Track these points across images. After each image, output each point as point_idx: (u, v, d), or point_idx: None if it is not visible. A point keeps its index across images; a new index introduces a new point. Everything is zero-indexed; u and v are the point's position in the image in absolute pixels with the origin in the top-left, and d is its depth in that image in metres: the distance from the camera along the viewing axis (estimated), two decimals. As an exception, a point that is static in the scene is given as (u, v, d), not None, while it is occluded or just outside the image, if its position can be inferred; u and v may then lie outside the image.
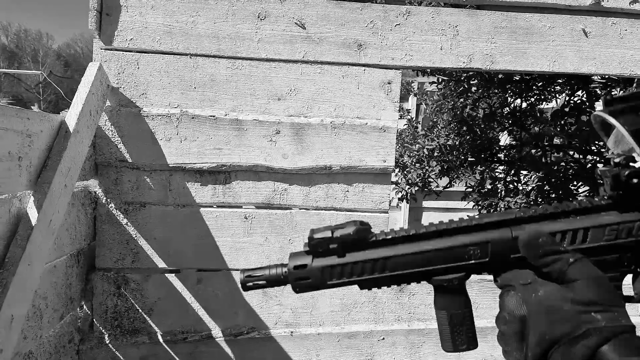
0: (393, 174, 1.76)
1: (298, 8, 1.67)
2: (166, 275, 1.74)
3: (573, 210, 0.63)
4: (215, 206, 1.73)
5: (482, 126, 2.70)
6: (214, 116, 1.67)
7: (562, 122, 2.35)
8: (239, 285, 1.67)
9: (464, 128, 2.77)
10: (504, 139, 3.04)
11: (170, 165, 1.67)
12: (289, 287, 1.73)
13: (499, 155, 2.84)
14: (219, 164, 1.68)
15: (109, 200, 1.67)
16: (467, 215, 0.68)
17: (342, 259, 0.67)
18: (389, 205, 1.79)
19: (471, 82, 2.70)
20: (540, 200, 2.40)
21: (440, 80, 2.87)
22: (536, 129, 2.80)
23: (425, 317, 1.83)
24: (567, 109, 2.44)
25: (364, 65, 1.71)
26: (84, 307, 1.72)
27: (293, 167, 1.71)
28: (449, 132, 2.94)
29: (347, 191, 1.76)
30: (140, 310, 1.72)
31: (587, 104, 2.36)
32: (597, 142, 2.12)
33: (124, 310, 1.71)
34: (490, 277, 1.92)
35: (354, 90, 1.72)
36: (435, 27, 1.71)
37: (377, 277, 0.66)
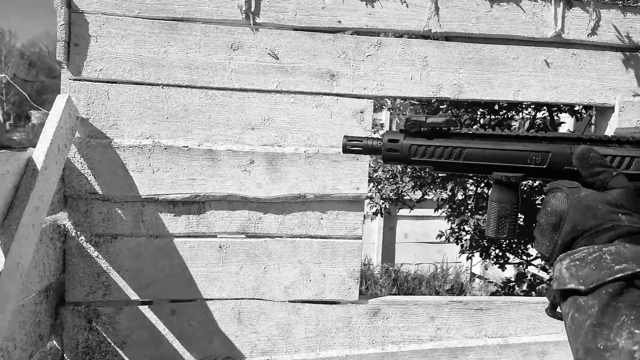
0: (367, 188, 1.77)
1: (271, 39, 1.67)
2: (139, 307, 1.70)
3: (626, 141, 0.73)
4: (189, 236, 1.70)
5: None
6: (187, 146, 1.64)
7: None
8: (213, 315, 1.66)
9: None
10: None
11: (143, 197, 1.63)
12: (263, 316, 1.72)
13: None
14: (192, 194, 1.66)
15: (78, 233, 1.62)
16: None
17: (429, 141, 0.78)
18: (362, 232, 1.80)
19: (441, 106, 2.76)
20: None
21: (407, 99, 2.92)
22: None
23: (398, 340, 1.85)
24: (533, 130, 2.52)
25: (336, 95, 1.72)
26: (54, 342, 1.66)
27: (267, 196, 1.70)
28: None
29: (322, 218, 1.76)
30: (112, 344, 1.68)
31: (550, 124, 2.44)
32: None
33: (96, 344, 1.67)
34: (461, 298, 1.97)
35: (327, 120, 1.73)
36: (406, 58, 1.74)
37: (452, 162, 0.77)
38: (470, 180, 3.26)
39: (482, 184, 3.20)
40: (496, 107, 2.70)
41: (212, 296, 1.73)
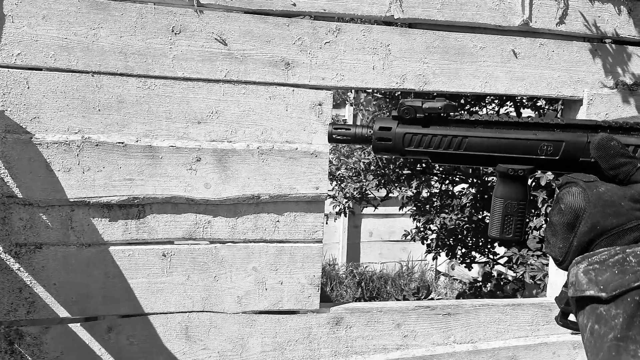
0: (330, 187, 1.62)
1: (218, 22, 1.48)
2: (70, 325, 1.48)
3: None
4: (127, 244, 1.50)
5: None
6: (123, 142, 1.44)
7: None
8: (157, 330, 1.47)
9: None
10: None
11: (72, 200, 1.42)
12: (214, 330, 1.54)
13: (433, 167, 2.81)
14: (130, 196, 1.46)
15: (-5, 242, 1.39)
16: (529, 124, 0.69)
17: (424, 129, 0.69)
18: (323, 234, 1.65)
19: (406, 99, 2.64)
20: (475, 216, 2.39)
21: (372, 92, 2.79)
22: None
23: (363, 350, 1.71)
24: None
25: (292, 85, 1.56)
26: (-33, 369, 1.43)
27: (217, 198, 1.52)
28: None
29: (278, 221, 1.59)
30: (38, 369, 1.46)
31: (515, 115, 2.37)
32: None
33: (18, 370, 1.44)
34: (428, 303, 1.84)
35: (283, 113, 1.56)
36: (367, 46, 1.60)
37: (450, 153, 0.68)
38: (435, 178, 3.16)
39: (447, 181, 3.10)
40: (462, 101, 2.61)
41: (155, 310, 1.53)
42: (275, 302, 1.61)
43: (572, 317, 0.60)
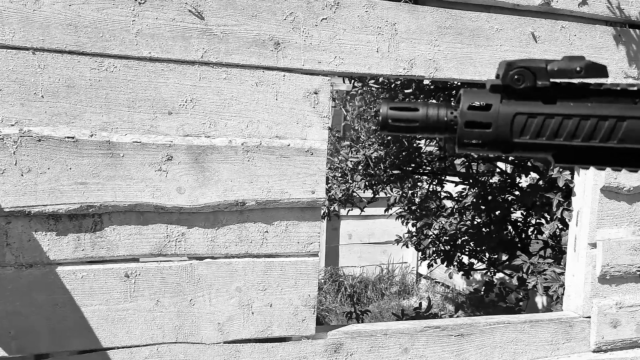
0: (324, 191, 1.37)
1: (193, -9, 1.21)
2: (6, 367, 1.18)
3: None
4: (80, 263, 1.21)
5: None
6: (73, 137, 1.15)
7: None
8: None
9: (389, 138, 2.49)
10: (431, 148, 2.82)
11: (7, 210, 1.11)
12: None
13: (424, 167, 2.59)
14: (83, 204, 1.16)
15: None
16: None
17: (549, 107, 0.43)
18: (319, 246, 1.39)
19: (406, 90, 2.41)
20: (478, 220, 2.18)
21: (362, 85, 2.55)
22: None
23: (365, 380, 1.45)
24: None
25: (283, 69, 1.29)
26: None
27: (193, 205, 1.24)
28: (372, 142, 2.63)
29: (266, 232, 1.32)
30: None
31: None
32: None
33: None
34: (438, 322, 1.60)
35: (272, 102, 1.29)
36: (370, 24, 1.35)
37: (593, 147, 0.43)
38: (424, 177, 2.93)
39: (435, 182, 2.89)
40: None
41: (116, 344, 1.24)
42: (264, 328, 1.34)
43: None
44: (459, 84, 2.29)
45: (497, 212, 2.17)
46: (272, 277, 1.33)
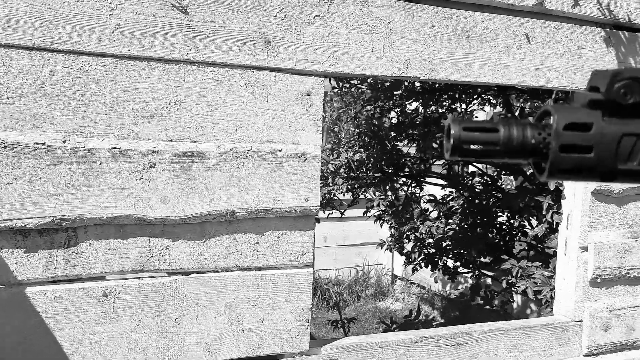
0: (319, 199, 1.29)
1: (177, -17, 1.11)
2: (-32, 402, 1.05)
3: None
4: (52, 282, 1.09)
5: (390, 137, 2.39)
6: (43, 144, 1.03)
7: None
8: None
9: (368, 139, 2.44)
10: (411, 150, 2.77)
11: (-33, 226, 0.99)
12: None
13: (406, 169, 2.55)
14: (55, 217, 1.05)
15: None
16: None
17: None
18: (313, 257, 1.31)
19: (395, 92, 2.35)
20: (464, 224, 2.14)
21: (341, 86, 2.48)
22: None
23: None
24: None
25: (274, 69, 1.21)
26: None
27: (178, 216, 1.14)
28: (353, 144, 2.57)
29: (257, 243, 1.24)
30: None
31: (509, 115, 2.15)
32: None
33: None
34: (434, 332, 1.55)
35: (262, 104, 1.21)
36: (365, 23, 1.28)
37: None
38: (405, 180, 2.89)
39: (414, 184, 2.85)
40: (435, 96, 2.35)
41: (94, 370, 1.12)
42: (255, 346, 1.25)
43: None
44: (459, 86, 2.25)
45: (484, 216, 2.15)
46: (264, 291, 1.25)
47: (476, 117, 3.24)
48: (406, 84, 2.34)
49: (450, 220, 2.20)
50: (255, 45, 1.18)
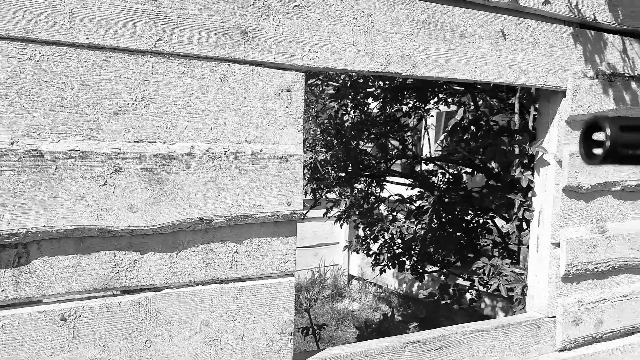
0: (301, 203, 1.21)
1: (142, -36, 0.99)
2: None
3: None
4: (0, 308, 0.93)
5: (351, 135, 2.34)
6: (-14, 146, 0.88)
7: (465, 136, 2.12)
8: None
9: (330, 138, 2.37)
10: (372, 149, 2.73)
11: None
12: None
13: (368, 169, 2.51)
14: (2, 232, 0.90)
15: None
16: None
17: None
18: (295, 264, 1.22)
19: (368, 89, 2.28)
20: (436, 223, 2.12)
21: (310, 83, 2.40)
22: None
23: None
24: (464, 122, 2.22)
25: (252, 62, 1.11)
26: None
27: (148, 225, 1.01)
28: (315, 144, 2.50)
29: (236, 252, 1.13)
30: None
31: (483, 115, 2.14)
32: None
33: None
34: (417, 337, 1.50)
35: (239, 101, 1.11)
36: (346, 14, 1.21)
37: None
38: (362, 178, 2.84)
39: (374, 183, 2.82)
40: (405, 93, 2.32)
41: (51, 405, 0.98)
42: (235, 364, 1.15)
43: None
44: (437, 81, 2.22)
45: (452, 215, 2.14)
46: (243, 304, 1.15)
47: (432, 115, 3.25)
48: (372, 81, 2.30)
49: (420, 220, 2.19)
50: (231, 36, 1.07)
